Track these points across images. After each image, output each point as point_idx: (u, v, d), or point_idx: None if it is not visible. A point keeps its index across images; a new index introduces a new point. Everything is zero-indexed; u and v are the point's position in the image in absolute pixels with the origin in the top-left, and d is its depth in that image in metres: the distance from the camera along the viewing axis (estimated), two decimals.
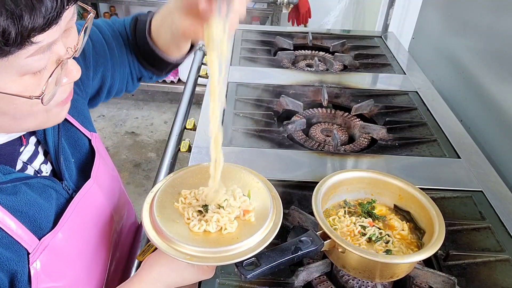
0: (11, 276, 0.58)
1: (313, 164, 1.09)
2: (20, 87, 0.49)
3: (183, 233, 0.68)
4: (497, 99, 1.27)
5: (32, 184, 0.62)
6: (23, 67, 0.47)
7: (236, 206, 0.72)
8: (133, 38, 0.84)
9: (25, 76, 0.49)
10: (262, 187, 0.77)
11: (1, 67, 0.46)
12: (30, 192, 0.61)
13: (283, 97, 1.35)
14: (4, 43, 0.43)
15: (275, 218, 0.72)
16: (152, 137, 3.02)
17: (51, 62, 0.52)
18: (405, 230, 0.80)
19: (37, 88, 0.51)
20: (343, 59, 1.69)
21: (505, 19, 1.25)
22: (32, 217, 0.60)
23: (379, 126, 1.24)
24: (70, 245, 0.66)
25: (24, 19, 0.42)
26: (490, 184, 1.05)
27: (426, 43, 1.81)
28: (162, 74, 0.90)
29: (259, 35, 1.85)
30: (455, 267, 0.84)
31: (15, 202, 0.59)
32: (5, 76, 0.47)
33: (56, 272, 0.63)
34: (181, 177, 0.78)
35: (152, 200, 0.72)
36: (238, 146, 1.14)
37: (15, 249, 0.58)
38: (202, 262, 0.65)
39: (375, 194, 0.87)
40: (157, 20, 0.80)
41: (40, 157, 0.67)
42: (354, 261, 0.73)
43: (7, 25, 0.42)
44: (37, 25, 0.44)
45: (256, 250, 0.66)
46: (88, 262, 0.72)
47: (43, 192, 0.64)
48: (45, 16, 0.44)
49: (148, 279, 0.68)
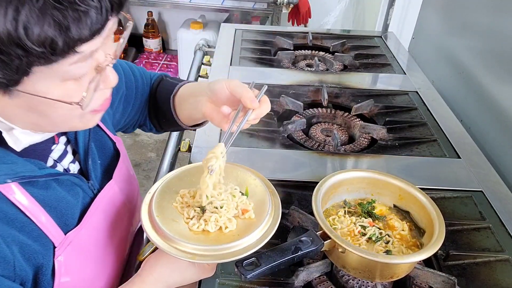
0: (36, 269, 0.60)
1: (313, 164, 1.09)
2: (61, 92, 0.51)
3: (184, 233, 0.68)
4: (497, 99, 1.27)
5: (62, 180, 0.65)
6: (65, 74, 0.50)
7: (233, 206, 0.72)
8: (154, 93, 0.93)
9: (67, 82, 0.51)
10: (259, 184, 0.78)
11: (45, 73, 0.48)
12: (59, 189, 0.64)
13: (283, 97, 1.35)
14: (51, 52, 0.45)
15: (274, 213, 0.73)
16: (152, 137, 3.01)
17: (91, 69, 0.54)
18: (405, 230, 0.80)
19: (77, 94, 0.53)
20: (343, 59, 1.69)
21: (505, 19, 1.25)
22: (60, 212, 0.63)
23: (379, 126, 1.24)
24: (90, 242, 0.69)
25: (71, 30, 0.45)
26: (490, 184, 1.05)
27: (426, 43, 1.81)
28: (161, 131, 0.99)
29: (259, 35, 1.85)
30: (455, 267, 0.84)
31: (46, 196, 0.61)
32: (48, 82, 0.49)
33: (75, 267, 0.65)
34: (178, 177, 0.78)
35: (150, 201, 0.73)
36: (238, 146, 1.13)
37: (43, 242, 0.60)
38: (205, 260, 0.66)
39: (375, 194, 0.87)
40: (186, 90, 0.88)
41: (69, 156, 0.69)
42: (354, 261, 0.73)
43: (55, 36, 0.44)
44: (83, 36, 0.46)
45: (258, 245, 0.66)
46: (105, 259, 0.73)
47: (71, 190, 0.66)
48: (90, 27, 0.46)
49: (149, 280, 0.69)
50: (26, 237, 0.58)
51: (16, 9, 0.41)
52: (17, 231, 0.58)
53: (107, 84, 0.57)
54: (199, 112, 0.77)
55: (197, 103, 0.79)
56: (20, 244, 0.58)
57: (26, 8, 0.42)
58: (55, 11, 0.43)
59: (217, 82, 0.73)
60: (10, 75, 0.46)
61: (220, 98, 0.72)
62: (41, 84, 0.49)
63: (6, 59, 0.44)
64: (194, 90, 0.85)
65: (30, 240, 0.59)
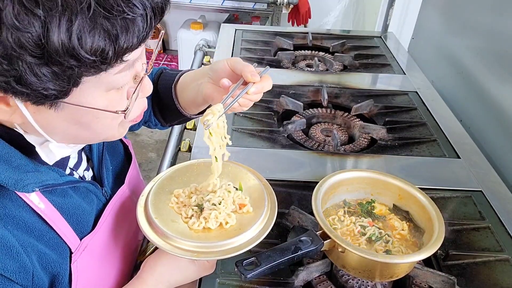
0: (52, 278, 0.61)
1: (313, 164, 1.09)
2: (106, 102, 0.53)
3: (185, 232, 0.68)
4: (497, 99, 1.27)
5: (78, 188, 0.66)
6: (111, 83, 0.51)
7: (230, 202, 0.73)
8: (155, 87, 0.90)
9: (110, 92, 0.52)
10: (251, 177, 0.79)
11: (93, 83, 0.49)
12: (75, 196, 0.65)
13: (283, 97, 1.35)
14: (101, 61, 0.46)
15: (270, 205, 0.74)
16: (152, 137, 3.01)
17: (131, 78, 0.55)
18: (405, 230, 0.80)
19: (120, 103, 0.55)
20: (343, 59, 1.69)
21: (505, 19, 1.25)
22: (76, 219, 0.64)
23: (379, 126, 1.24)
24: (103, 246, 0.69)
25: (120, 39, 0.45)
26: (490, 184, 1.06)
27: (426, 43, 1.82)
28: (166, 125, 0.97)
29: (259, 35, 1.85)
30: (455, 267, 0.84)
31: (64, 204, 0.62)
32: (94, 92, 0.50)
33: (90, 271, 0.66)
34: (170, 177, 0.79)
35: (145, 204, 0.73)
36: (238, 146, 1.14)
37: (60, 251, 0.61)
38: (210, 257, 0.66)
39: (375, 194, 0.87)
40: (187, 77, 0.86)
41: (83, 164, 0.70)
42: (354, 261, 0.73)
43: (105, 45, 0.45)
44: (131, 45, 0.47)
45: (260, 238, 0.68)
46: (116, 262, 0.74)
47: (86, 196, 0.67)
48: (138, 36, 0.47)
49: (150, 281, 0.69)
50: (44, 246, 0.59)
51: (69, 20, 0.42)
52: (36, 240, 0.58)
53: (145, 93, 0.60)
54: (201, 95, 0.77)
55: (198, 86, 0.78)
56: (38, 253, 0.58)
57: (79, 18, 0.42)
58: (105, 20, 0.44)
59: (218, 62, 0.73)
60: (61, 86, 0.46)
61: (221, 75, 0.71)
62: (87, 94, 0.50)
63: (58, 70, 0.44)
64: (195, 75, 0.84)
65: (48, 249, 0.59)
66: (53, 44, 0.42)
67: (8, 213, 0.55)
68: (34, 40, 0.42)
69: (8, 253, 0.53)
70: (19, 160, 0.55)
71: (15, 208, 0.56)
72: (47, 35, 0.42)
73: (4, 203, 0.55)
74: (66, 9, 0.42)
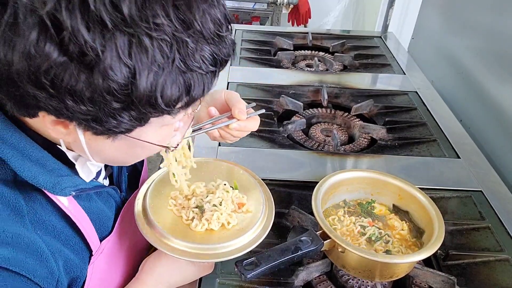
0: (71, 281, 0.62)
1: (313, 164, 1.09)
2: (159, 137, 0.56)
3: (189, 234, 0.68)
4: (497, 99, 1.27)
5: (101, 193, 0.68)
6: (168, 122, 0.54)
7: (230, 202, 0.73)
8: None
9: (163, 127, 0.55)
10: (245, 175, 0.79)
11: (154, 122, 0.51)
12: (98, 200, 0.67)
13: (283, 97, 1.35)
14: (173, 105, 0.48)
15: (268, 202, 0.74)
16: None
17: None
18: (405, 230, 0.80)
19: (169, 136, 0.59)
20: (343, 59, 1.69)
21: (505, 19, 1.25)
22: (99, 223, 0.66)
23: (379, 126, 1.24)
24: (118, 248, 0.71)
25: (194, 91, 0.48)
26: (490, 184, 1.05)
27: (425, 43, 1.82)
28: None
29: (259, 35, 1.86)
30: (455, 267, 0.84)
31: (89, 208, 0.64)
32: (152, 128, 0.53)
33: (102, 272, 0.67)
34: (164, 179, 0.77)
35: (142, 207, 0.72)
36: (238, 146, 1.13)
37: (82, 255, 0.63)
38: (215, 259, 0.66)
39: (375, 194, 0.87)
40: None
41: (103, 172, 0.71)
42: (354, 261, 0.73)
43: (181, 96, 0.48)
44: (200, 95, 0.50)
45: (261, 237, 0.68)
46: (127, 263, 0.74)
47: (107, 201, 0.70)
48: (208, 88, 0.50)
49: (150, 282, 0.69)
50: (69, 251, 0.60)
51: (156, 74, 0.44)
52: (62, 245, 0.59)
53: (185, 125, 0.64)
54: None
55: None
56: (65, 259, 0.59)
57: (165, 71, 0.44)
58: (185, 74, 0.46)
59: (218, 91, 0.77)
60: (132, 126, 0.49)
61: (215, 104, 0.76)
62: (147, 130, 0.52)
63: (135, 114, 0.47)
64: None
65: (73, 254, 0.61)
66: (139, 93, 0.44)
67: (39, 218, 0.56)
68: (121, 88, 0.43)
69: (38, 258, 0.54)
70: (53, 164, 0.56)
71: (45, 213, 0.57)
72: (135, 84, 0.43)
73: (34, 208, 0.56)
74: (153, 62, 0.43)
